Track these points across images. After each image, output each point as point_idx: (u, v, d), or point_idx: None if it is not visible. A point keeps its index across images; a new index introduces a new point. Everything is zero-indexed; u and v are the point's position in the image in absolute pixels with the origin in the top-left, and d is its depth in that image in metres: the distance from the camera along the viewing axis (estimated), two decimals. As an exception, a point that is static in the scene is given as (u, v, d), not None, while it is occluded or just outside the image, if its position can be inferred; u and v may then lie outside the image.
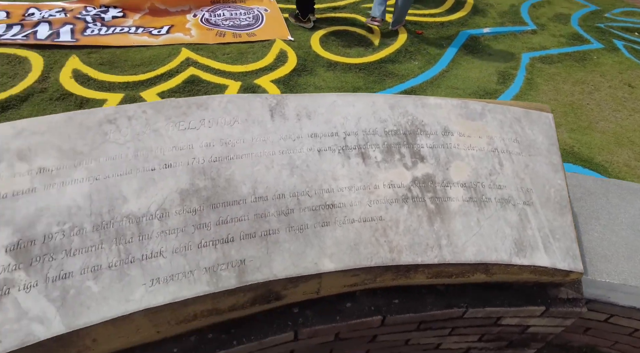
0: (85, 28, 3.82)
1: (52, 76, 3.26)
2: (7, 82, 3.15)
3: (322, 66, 3.76)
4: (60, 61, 3.43)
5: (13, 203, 0.89)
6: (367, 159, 1.13)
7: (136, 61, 3.57)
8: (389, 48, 4.06)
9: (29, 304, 0.83)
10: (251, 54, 3.80)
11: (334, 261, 1.00)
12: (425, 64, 3.95)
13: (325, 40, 4.11)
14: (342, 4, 4.83)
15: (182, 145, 1.03)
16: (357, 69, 3.75)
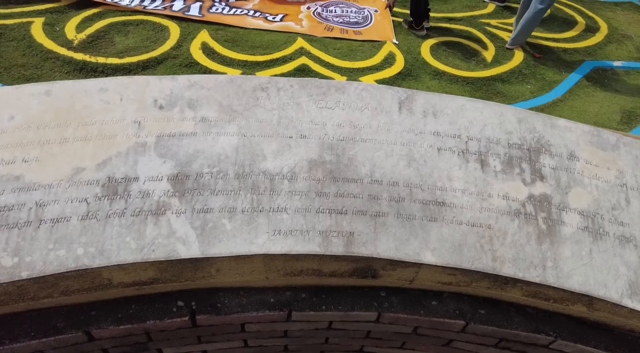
0: (212, 6, 4.22)
1: (184, 46, 3.66)
2: (149, 45, 3.61)
3: (428, 74, 3.74)
4: (193, 33, 3.83)
5: (179, 141, 1.06)
6: (485, 166, 1.14)
7: (255, 43, 3.86)
8: (502, 66, 3.91)
9: (177, 227, 0.99)
10: (360, 52, 3.91)
11: (436, 255, 1.04)
12: (539, 89, 3.74)
13: (436, 49, 4.08)
14: (459, 16, 4.74)
15: (318, 121, 1.14)
16: (464, 83, 3.67)
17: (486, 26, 4.55)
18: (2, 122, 1.03)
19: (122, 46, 3.56)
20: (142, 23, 3.87)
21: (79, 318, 1.07)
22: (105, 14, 3.93)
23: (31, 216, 0.95)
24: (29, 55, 3.32)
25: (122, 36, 3.69)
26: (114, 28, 3.76)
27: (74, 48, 3.43)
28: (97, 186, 1.00)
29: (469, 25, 4.56)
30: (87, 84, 1.10)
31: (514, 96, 3.57)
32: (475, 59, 4.01)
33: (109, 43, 3.59)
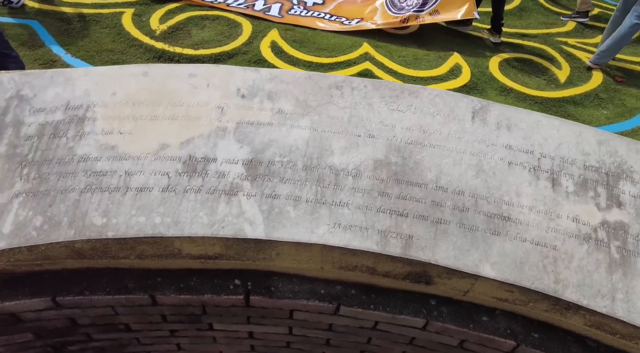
0: (291, 8, 4.36)
1: (255, 43, 3.83)
2: (222, 40, 3.81)
3: (494, 89, 3.63)
4: (264, 31, 3.99)
5: (256, 129, 1.13)
6: (557, 186, 1.10)
7: (322, 45, 3.95)
8: (576, 88, 3.70)
9: (247, 208, 1.05)
10: (425, 62, 3.87)
11: (495, 269, 1.02)
12: (617, 116, 3.50)
13: (505, 65, 3.94)
14: (534, 32, 4.55)
15: (387, 122, 1.16)
16: (532, 102, 3.52)
17: (563, 45, 4.33)
18: (106, 97, 1.15)
19: (197, 38, 3.80)
20: (217, 18, 4.10)
21: (147, 282, 1.17)
22: (185, 8, 4.21)
23: (120, 183, 1.06)
24: (117, 41, 3.64)
25: (198, 29, 3.93)
26: (192, 21, 4.01)
27: (155, 37, 3.70)
28: (179, 162, 1.08)
29: (543, 42, 4.36)
30: (179, 69, 1.20)
31: (587, 121, 3.37)
32: (546, 78, 3.83)
33: (187, 35, 3.84)
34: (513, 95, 3.58)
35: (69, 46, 3.45)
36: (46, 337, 1.27)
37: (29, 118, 1.12)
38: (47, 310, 1.15)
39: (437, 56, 3.98)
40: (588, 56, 4.15)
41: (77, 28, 3.69)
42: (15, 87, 1.15)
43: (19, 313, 1.13)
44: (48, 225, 1.02)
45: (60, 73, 1.17)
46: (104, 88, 1.16)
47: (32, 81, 1.16)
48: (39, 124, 1.12)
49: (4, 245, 0.99)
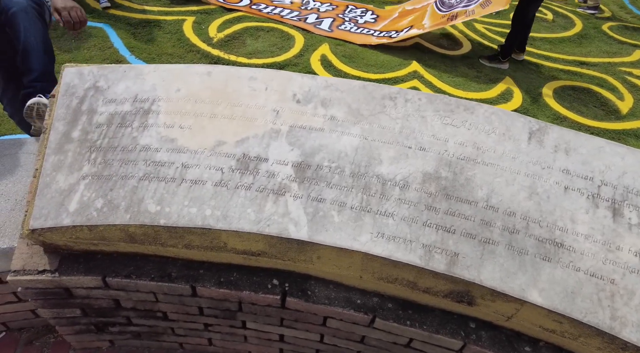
0: (342, 24, 4.45)
1: (305, 55, 3.92)
2: (275, 51, 3.94)
3: (547, 116, 3.49)
4: (315, 45, 4.09)
5: (307, 133, 1.16)
6: (618, 216, 1.04)
7: (371, 61, 3.99)
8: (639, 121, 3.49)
9: (293, 208, 1.07)
10: (475, 84, 3.80)
11: (543, 296, 0.97)
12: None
13: (560, 92, 3.80)
14: (594, 61, 4.36)
15: (440, 136, 1.15)
16: (588, 132, 3.35)
17: (626, 75, 4.12)
18: (171, 93, 1.22)
19: (251, 48, 3.95)
20: (272, 30, 4.25)
21: (189, 273, 1.21)
22: (242, 18, 4.40)
23: (176, 174, 1.11)
24: (177, 46, 3.85)
25: (253, 39, 4.09)
26: (247, 31, 4.19)
27: (212, 45, 3.89)
28: (233, 159, 1.13)
29: (604, 72, 4.16)
30: (240, 71, 1.26)
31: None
32: (605, 108, 3.64)
33: (241, 44, 4.00)
34: (567, 124, 3.43)
35: (134, 48, 3.70)
36: (92, 315, 1.34)
37: (101, 107, 1.21)
38: (96, 289, 1.21)
39: (488, 78, 3.90)
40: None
41: (143, 32, 3.95)
42: (93, 78, 1.25)
43: (72, 289, 1.20)
44: (107, 208, 1.08)
45: (133, 68, 1.26)
46: (170, 84, 1.23)
47: (108, 74, 1.25)
48: (109, 113, 1.20)
49: (68, 222, 1.07)
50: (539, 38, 4.76)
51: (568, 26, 5.15)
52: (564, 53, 4.49)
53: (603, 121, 3.47)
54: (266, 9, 4.60)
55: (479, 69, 4.04)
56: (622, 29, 5.11)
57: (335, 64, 3.85)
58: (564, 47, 4.67)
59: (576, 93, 3.83)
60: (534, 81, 3.94)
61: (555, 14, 5.41)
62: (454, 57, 4.24)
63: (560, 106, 3.62)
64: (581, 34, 4.97)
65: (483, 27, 4.89)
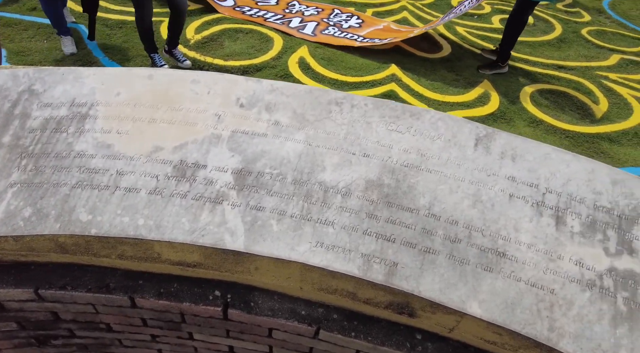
0: (325, 28, 4.43)
1: (284, 58, 3.89)
2: (253, 53, 3.90)
3: (523, 120, 3.50)
4: (294, 47, 4.06)
5: (250, 139, 1.12)
6: (561, 224, 1.02)
7: (350, 65, 3.97)
8: (614, 125, 3.51)
9: (230, 218, 1.03)
10: (454, 87, 3.80)
11: (483, 308, 0.95)
12: (657, 156, 3.28)
13: (537, 96, 3.81)
14: (572, 65, 4.39)
15: (384, 143, 1.12)
16: (563, 136, 3.36)
17: (603, 79, 4.15)
18: (110, 97, 1.18)
19: (229, 50, 3.90)
20: (251, 32, 4.21)
21: (129, 283, 1.16)
22: (222, 20, 4.35)
23: (110, 181, 1.07)
24: (153, 48, 3.79)
25: (231, 41, 4.04)
26: (226, 33, 4.14)
27: (189, 46, 3.84)
28: (170, 166, 1.09)
29: (581, 76, 4.19)
30: (183, 74, 1.22)
31: (622, 160, 3.17)
32: (581, 112, 3.66)
33: (219, 46, 3.96)
34: (542, 127, 3.44)
35: (109, 50, 3.63)
36: (30, 328, 1.28)
37: (36, 112, 1.16)
38: (30, 302, 1.16)
39: (467, 82, 3.90)
40: (631, 92, 3.95)
41: (119, 34, 3.89)
42: (29, 81, 1.20)
43: (3, 302, 1.15)
44: (36, 217, 1.03)
45: (72, 71, 1.21)
46: (110, 88, 1.19)
47: (45, 77, 1.21)
48: (44, 118, 1.15)
49: (-10, 232, 1.02)
50: (520, 42, 4.77)
51: (548, 30, 5.19)
52: (543, 57, 4.52)
53: (578, 125, 3.49)
54: (250, 11, 4.56)
55: (458, 73, 4.04)
56: (601, 33, 5.16)
57: (314, 66, 3.82)
58: (544, 50, 4.70)
59: (553, 97, 3.84)
60: (512, 85, 3.95)
61: (537, 18, 5.45)
62: (434, 60, 4.24)
63: (536, 109, 3.63)
64: (561, 38, 5.00)
65: (464, 30, 4.90)
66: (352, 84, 3.69)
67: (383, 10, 5.16)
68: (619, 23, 5.60)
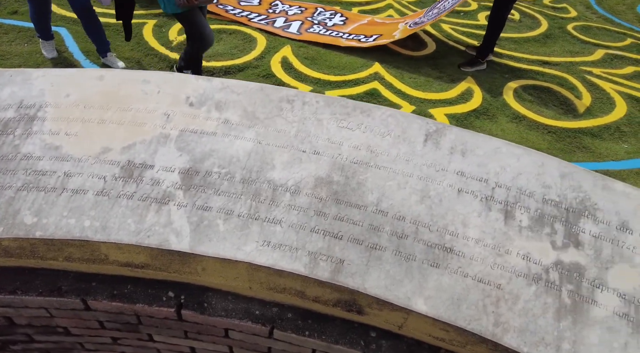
0: (310, 27, 4.42)
1: (267, 58, 3.88)
2: (235, 53, 3.89)
3: (506, 116, 3.50)
4: (277, 47, 4.05)
5: (198, 138, 1.11)
6: (509, 219, 1.01)
7: (333, 63, 3.96)
8: (596, 120, 3.51)
9: (175, 218, 1.02)
10: (437, 85, 3.79)
11: (428, 305, 0.94)
12: (639, 151, 3.28)
13: (521, 91, 3.80)
14: (556, 60, 4.38)
15: (335, 140, 1.11)
16: (546, 131, 3.36)
17: (587, 74, 4.15)
18: (59, 98, 1.17)
19: (212, 50, 3.88)
20: (234, 32, 4.20)
21: (81, 286, 1.15)
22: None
23: (57, 183, 1.06)
24: (135, 50, 3.78)
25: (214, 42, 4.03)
26: (209, 35, 4.12)
27: (171, 48, 3.82)
28: (117, 167, 1.08)
29: (565, 71, 4.18)
30: (134, 75, 1.21)
31: (603, 154, 3.17)
32: (564, 107, 3.66)
33: (202, 48, 3.94)
34: (525, 123, 3.44)
35: (90, 53, 3.62)
36: (-15, 333, 1.27)
37: (-16, 115, 1.15)
38: (-19, 306, 1.15)
39: (450, 79, 3.90)
40: (613, 87, 3.95)
41: (100, 36, 3.87)
42: (-23, 84, 1.19)
43: (-48, 306, 1.14)
44: (-20, 220, 1.02)
45: (21, 73, 1.20)
46: (59, 89, 1.18)
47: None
48: (-9, 121, 1.14)
49: None
50: (505, 38, 4.78)
51: (534, 26, 5.19)
52: (528, 53, 4.51)
53: (561, 120, 3.49)
54: (233, 10, 4.55)
55: (442, 70, 4.03)
56: (587, 29, 5.16)
57: (297, 66, 3.81)
58: (529, 46, 4.70)
59: (537, 92, 3.84)
60: (496, 81, 3.94)
61: (523, 15, 5.45)
62: (419, 58, 4.23)
63: (520, 105, 3.63)
64: (546, 33, 5.00)
65: (449, 27, 4.90)
66: (334, 83, 3.69)
67: (369, 8, 5.15)
68: (605, 18, 5.60)
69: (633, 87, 3.98)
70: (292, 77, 3.66)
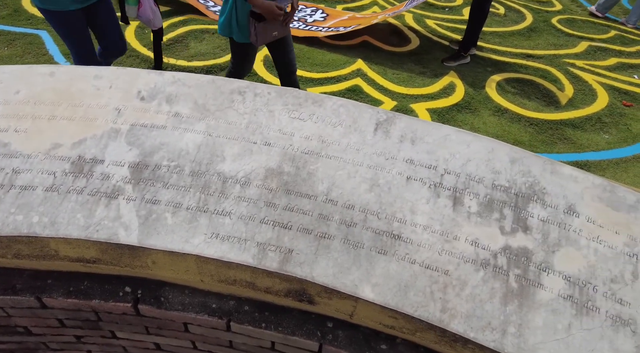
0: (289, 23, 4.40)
1: (249, 57, 3.87)
2: (218, 53, 3.88)
3: (488, 109, 3.50)
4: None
5: (149, 132, 1.11)
6: (458, 205, 1.01)
7: (316, 61, 3.95)
8: (577, 111, 3.52)
9: (124, 212, 1.02)
10: (420, 80, 3.79)
11: (375, 292, 0.94)
12: (619, 141, 3.29)
13: (504, 84, 3.81)
14: (540, 53, 4.39)
15: (286, 131, 1.11)
16: (528, 123, 3.36)
17: (570, 66, 4.16)
18: (9, 95, 1.16)
19: (194, 50, 3.88)
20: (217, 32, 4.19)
21: (36, 284, 1.15)
22: (188, 21, 4.33)
23: (5, 180, 1.05)
24: (116, 52, 3.76)
25: (197, 42, 4.02)
26: (192, 34, 4.12)
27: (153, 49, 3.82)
28: (68, 162, 1.07)
29: (549, 64, 4.20)
30: (86, 70, 1.20)
31: (584, 145, 3.18)
32: (547, 99, 3.67)
33: (184, 47, 3.94)
34: (507, 115, 3.44)
35: (69, 55, 3.60)
36: (-56, 334, 1.27)
37: None
38: None
39: (433, 73, 3.90)
40: (596, 78, 3.97)
41: (81, 39, 3.85)
42: None
43: None
44: None
45: (-28, 71, 1.19)
46: (9, 86, 1.17)
47: (-55, 79, 1.19)
48: (-59, 119, 1.13)
49: None
50: (489, 32, 4.79)
51: (519, 20, 5.20)
52: (512, 46, 4.52)
53: (543, 112, 3.49)
54: (214, 7, 4.53)
55: (425, 65, 4.04)
56: (571, 22, 5.18)
57: (279, 64, 3.81)
58: (513, 40, 4.70)
59: (520, 85, 3.85)
60: (479, 75, 3.95)
61: (508, 9, 5.46)
62: (402, 53, 4.23)
63: (502, 98, 3.63)
64: (531, 27, 5.01)
65: (434, 23, 4.90)
66: (317, 80, 3.68)
67: (353, 6, 5.15)
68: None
69: (615, 78, 4.00)
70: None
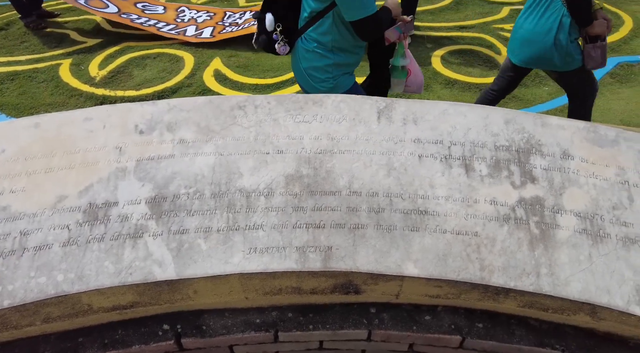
0: (223, 30, 4.36)
1: (198, 74, 3.80)
2: (165, 76, 3.77)
3: (439, 83, 3.68)
4: (206, 61, 3.98)
5: (157, 164, 1.08)
6: (470, 171, 1.09)
7: (266, 67, 3.95)
8: (517, 70, 3.79)
9: (154, 249, 1.00)
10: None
11: (418, 267, 0.99)
12: (558, 90, 3.58)
13: (447, 58, 4.02)
14: (472, 24, 4.67)
15: (295, 135, 1.13)
16: (477, 89, 3.58)
17: (500, 31, 4.46)
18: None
19: (140, 78, 3.75)
20: (159, 56, 4.07)
21: (66, 345, 1.09)
22: (125, 50, 4.16)
23: (15, 245, 0.99)
24: (56, 94, 3.55)
25: (140, 69, 3.88)
26: (132, 62, 3.97)
27: (95, 84, 3.64)
28: (79, 212, 1.03)
29: (481, 31, 4.48)
30: (73, 115, 1.15)
31: (530, 100, 3.44)
32: (489, 64, 3.92)
33: (128, 77, 3.79)
34: (458, 86, 3.64)
35: (4, 106, 3.35)
36: None
37: None
38: (-40, 395, 1.05)
39: (381, 59, 4.03)
40: (524, 37, 4.28)
41: (12, 87, 3.60)
42: None
43: None
44: (-62, 304, 0.94)
45: (-57, 139, 1.10)
46: (-9, 147, 1.10)
47: None
48: None
49: None
50: (421, 11, 5.01)
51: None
52: (445, 21, 4.77)
53: (488, 76, 3.73)
54: (139, 19, 4.36)
55: (371, 52, 4.16)
56: (490, -10, 5.53)
57: (230, 76, 3.77)
58: (444, 15, 4.96)
59: (461, 56, 4.07)
60: (422, 53, 4.13)
61: (431, -13, 5.74)
62: (346, 45, 4.33)
63: (449, 71, 3.83)
64: (457, 0, 5.31)
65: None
66: (273, 85, 3.69)
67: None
68: (503, -23, 6.02)
69: (541, 34, 4.34)
70: (229, 88, 3.62)
